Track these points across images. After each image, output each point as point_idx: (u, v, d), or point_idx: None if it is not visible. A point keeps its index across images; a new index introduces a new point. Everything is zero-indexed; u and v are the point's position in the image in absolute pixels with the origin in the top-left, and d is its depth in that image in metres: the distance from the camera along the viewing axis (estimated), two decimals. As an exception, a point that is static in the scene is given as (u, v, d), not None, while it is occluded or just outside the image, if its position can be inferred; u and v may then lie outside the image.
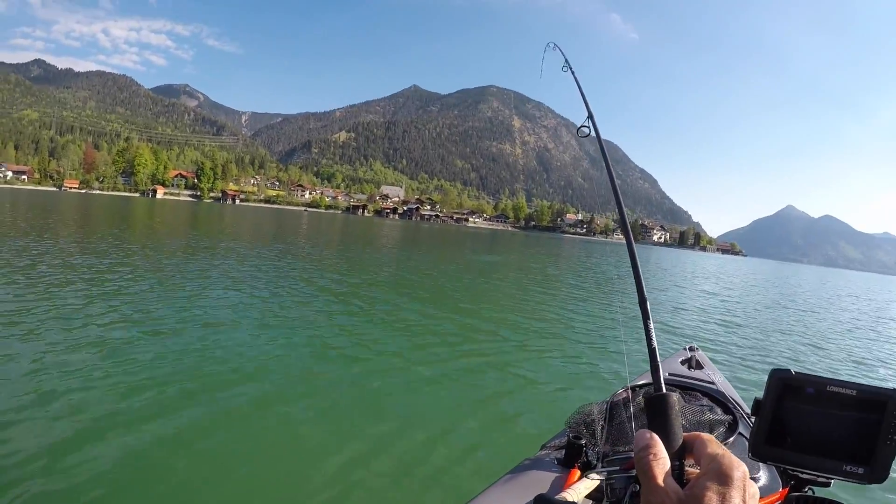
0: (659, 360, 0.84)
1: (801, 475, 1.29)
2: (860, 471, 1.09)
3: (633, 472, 0.84)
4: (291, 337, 8.11)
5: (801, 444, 1.12)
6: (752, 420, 1.15)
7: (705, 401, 2.51)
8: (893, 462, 1.10)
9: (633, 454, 0.78)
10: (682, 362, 3.45)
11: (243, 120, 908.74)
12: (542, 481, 1.76)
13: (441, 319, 10.56)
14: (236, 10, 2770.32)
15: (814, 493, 1.35)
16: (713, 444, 0.76)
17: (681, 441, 0.79)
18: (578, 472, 1.76)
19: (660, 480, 0.71)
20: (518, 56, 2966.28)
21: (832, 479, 1.21)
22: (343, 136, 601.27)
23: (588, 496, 1.57)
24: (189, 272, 13.41)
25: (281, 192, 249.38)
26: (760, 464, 1.92)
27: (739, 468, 0.69)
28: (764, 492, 1.82)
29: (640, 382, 2.72)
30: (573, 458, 1.87)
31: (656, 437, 0.77)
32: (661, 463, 0.74)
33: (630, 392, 2.39)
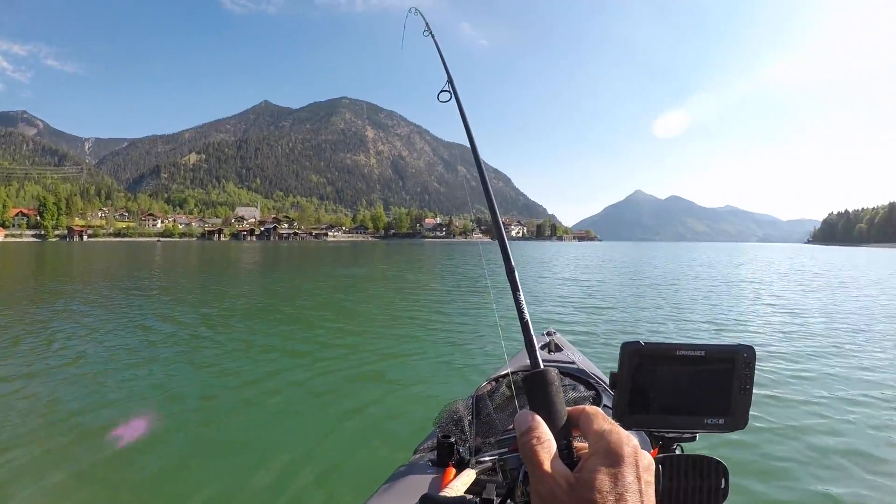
0: (534, 337, 0.80)
1: (666, 435, 1.30)
2: (721, 422, 1.20)
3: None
4: (147, 377, 7.40)
5: (665, 407, 1.21)
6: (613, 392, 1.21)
7: (567, 380, 2.59)
8: (750, 408, 1.21)
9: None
10: (542, 347, 3.48)
11: (87, 147, 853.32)
12: (419, 485, 1.77)
13: (303, 339, 10.21)
14: (77, 28, 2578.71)
15: (682, 450, 1.36)
16: (598, 417, 0.70)
17: (565, 417, 0.73)
18: (454, 470, 1.77)
19: (546, 466, 0.65)
20: (369, 66, 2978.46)
21: (696, 433, 1.28)
22: (193, 158, 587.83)
23: (468, 490, 1.58)
24: (33, 323, 11.55)
25: (131, 224, 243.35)
26: (631, 431, 1.78)
27: (629, 443, 0.65)
28: None
29: (502, 373, 2.76)
30: (446, 457, 1.88)
31: (538, 417, 0.71)
32: (546, 446, 0.67)
33: (493, 383, 2.50)
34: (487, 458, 1.68)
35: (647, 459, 0.65)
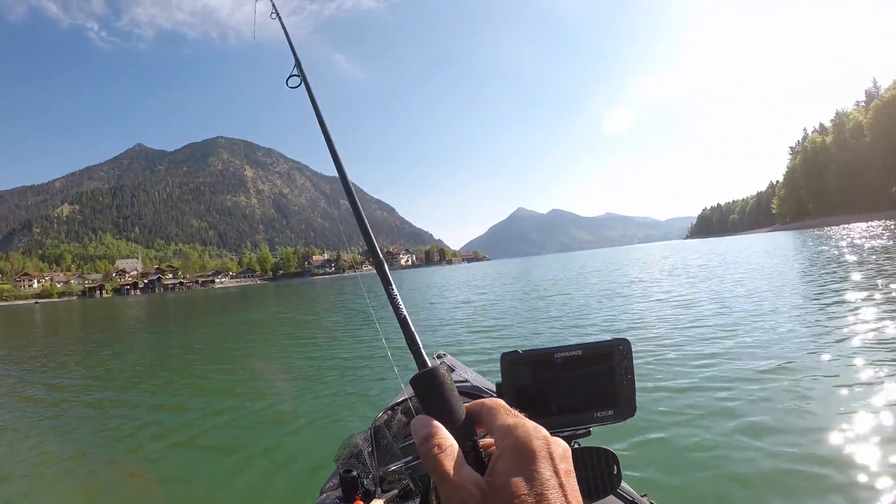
0: (416, 335, 0.78)
1: (561, 434, 1.08)
2: (610, 413, 1.29)
3: None
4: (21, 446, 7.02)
5: (558, 407, 1.28)
6: None
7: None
8: (636, 396, 1.29)
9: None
10: None
11: None
12: None
13: (191, 393, 9.70)
14: None
15: (579, 445, 1.42)
16: (500, 411, 0.65)
17: (464, 415, 0.68)
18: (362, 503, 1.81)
19: (453, 475, 0.59)
20: (244, 104, 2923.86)
21: (589, 427, 1.33)
22: (66, 209, 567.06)
23: None
24: None
25: (5, 286, 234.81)
26: None
27: (538, 435, 0.60)
28: None
29: (399, 400, 2.81)
30: (351, 493, 1.90)
31: (435, 422, 0.65)
32: (449, 452, 0.62)
33: (390, 412, 2.53)
34: (393, 468, 1.69)
35: (562, 447, 0.61)
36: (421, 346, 0.77)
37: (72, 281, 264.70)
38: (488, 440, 0.66)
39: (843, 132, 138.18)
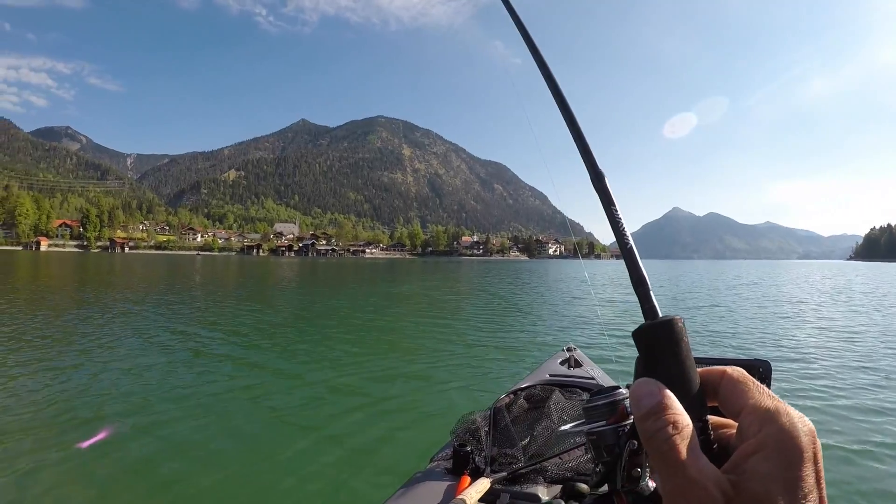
0: (644, 273, 0.62)
1: None
2: None
3: (625, 425, 0.58)
4: (200, 383, 7.42)
5: None
6: None
7: (585, 395, 2.38)
8: None
9: (631, 413, 0.52)
10: (562, 363, 3.54)
11: (129, 162, 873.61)
12: (433, 491, 1.77)
13: (334, 349, 10.15)
14: (118, 46, 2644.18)
15: None
16: (751, 385, 0.49)
17: (697, 384, 0.53)
18: (469, 479, 1.77)
19: (691, 468, 0.44)
20: (406, 84, 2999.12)
21: None
22: (233, 174, 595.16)
23: (482, 499, 1.60)
24: (85, 328, 11.63)
25: (172, 237, 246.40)
26: None
27: (805, 429, 0.44)
28: None
29: (523, 386, 2.75)
30: (461, 466, 1.87)
31: (667, 390, 0.49)
32: (685, 435, 0.46)
33: (512, 396, 2.48)
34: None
35: (818, 443, 0.45)
36: (651, 290, 0.60)
37: (232, 238, 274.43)
38: (721, 420, 0.53)
39: None
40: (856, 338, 12.58)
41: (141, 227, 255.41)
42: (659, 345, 0.53)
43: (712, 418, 0.52)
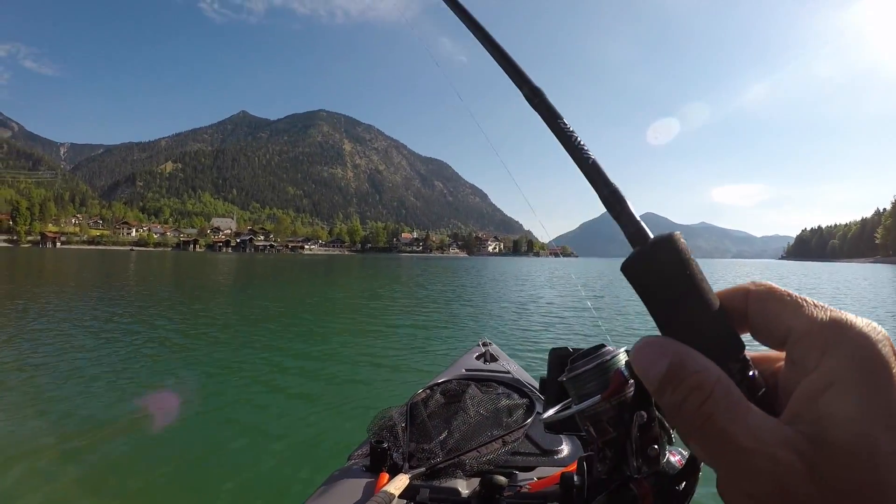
0: (626, 200, 0.48)
1: None
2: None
3: (626, 395, 0.46)
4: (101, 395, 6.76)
5: None
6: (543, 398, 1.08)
7: (501, 389, 2.58)
8: None
9: (631, 379, 0.44)
10: (477, 357, 3.56)
11: (62, 152, 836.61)
12: (352, 489, 1.78)
13: (255, 352, 9.73)
14: (57, 30, 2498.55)
15: None
16: (792, 300, 0.36)
17: (721, 314, 0.38)
18: (387, 476, 1.76)
19: (741, 436, 0.31)
20: (348, 80, 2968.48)
21: None
22: (169, 166, 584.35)
23: (401, 495, 1.59)
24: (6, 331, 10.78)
25: (105, 232, 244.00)
26: (563, 436, 2.06)
27: (878, 335, 0.32)
28: (568, 460, 1.96)
29: (440, 381, 2.75)
30: (379, 463, 1.88)
31: (679, 347, 0.36)
32: (718, 396, 0.33)
33: (429, 391, 2.50)
34: (404, 476, 1.67)
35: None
36: (633, 208, 0.46)
37: (168, 233, 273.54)
38: (761, 353, 0.40)
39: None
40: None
41: (74, 220, 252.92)
42: (658, 276, 0.39)
43: (750, 353, 0.39)
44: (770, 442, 0.30)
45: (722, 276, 51.89)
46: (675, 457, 0.46)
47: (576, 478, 1.15)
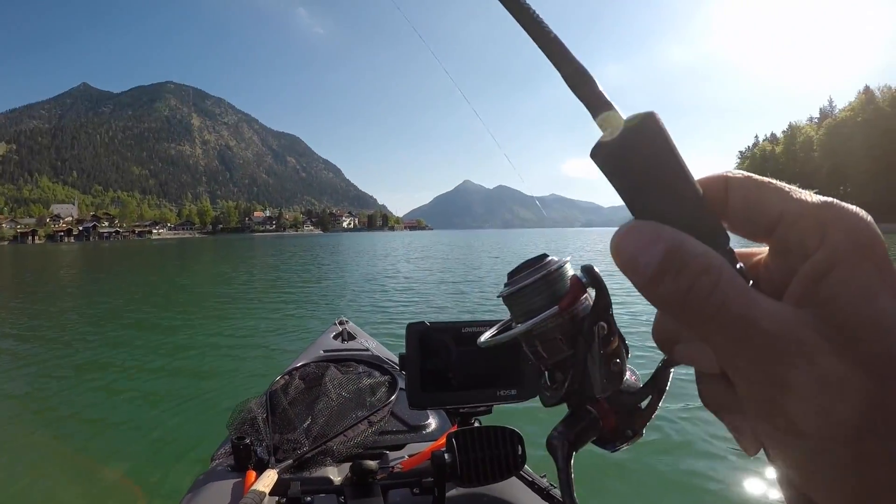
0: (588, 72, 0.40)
1: (460, 410, 1.34)
2: (513, 392, 1.29)
3: (581, 306, 0.41)
4: None
5: (460, 383, 1.27)
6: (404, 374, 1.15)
7: (362, 368, 2.55)
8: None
9: (590, 286, 0.40)
10: (335, 336, 3.49)
11: None
12: (220, 493, 1.70)
13: (95, 354, 8.73)
14: None
15: (480, 423, 1.42)
16: (776, 186, 0.33)
17: (701, 192, 0.34)
18: (254, 473, 1.70)
19: (761, 319, 0.28)
20: (199, 49, 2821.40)
21: (490, 405, 1.34)
22: (3, 148, 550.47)
23: (272, 492, 1.55)
24: None
25: None
26: (429, 410, 2.09)
27: (863, 216, 0.30)
28: (437, 434, 1.97)
29: (298, 365, 2.67)
30: (243, 461, 1.81)
31: (674, 232, 0.31)
32: (728, 279, 0.30)
33: (287, 377, 2.43)
34: (272, 471, 1.63)
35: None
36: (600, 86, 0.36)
37: (3, 225, 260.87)
38: (739, 251, 0.36)
39: (794, 144, 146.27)
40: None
41: None
42: (641, 158, 0.32)
43: (744, 251, 0.37)
44: (792, 322, 0.28)
45: (573, 243, 54.01)
46: (631, 375, 0.43)
47: (446, 455, 1.34)
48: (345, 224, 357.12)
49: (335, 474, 1.71)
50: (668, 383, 0.42)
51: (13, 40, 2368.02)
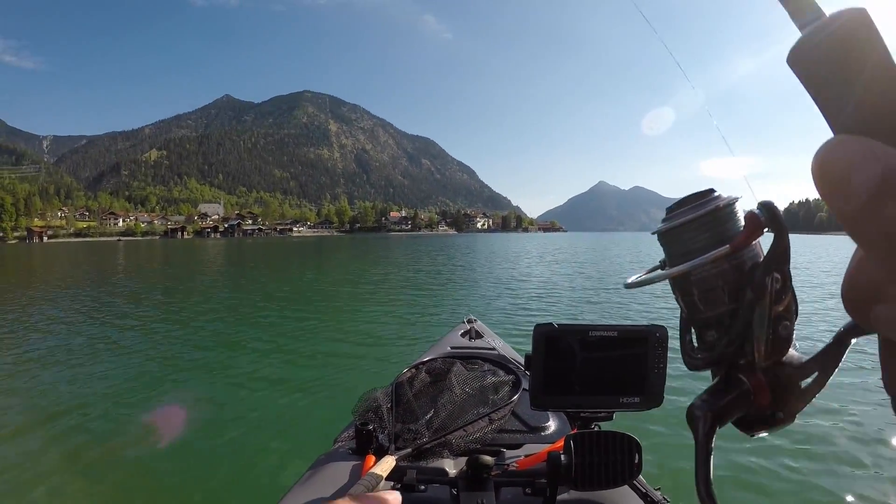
0: None
1: (582, 415, 1.32)
2: (636, 400, 1.24)
3: (741, 259, 0.38)
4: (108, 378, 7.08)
5: (581, 387, 1.23)
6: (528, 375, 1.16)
7: (487, 366, 2.56)
8: (665, 386, 1.24)
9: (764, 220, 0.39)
10: (463, 334, 3.54)
11: (45, 145, 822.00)
12: (339, 473, 1.76)
13: (240, 338, 9.77)
14: (35, 23, 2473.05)
15: (600, 427, 1.38)
16: None
17: None
18: (374, 458, 1.73)
19: None
20: (334, 58, 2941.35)
21: (612, 412, 1.30)
22: (154, 154, 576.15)
23: (388, 477, 1.57)
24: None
25: (92, 223, 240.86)
26: (549, 412, 2.10)
27: None
28: (555, 436, 1.97)
29: (425, 359, 2.70)
30: (365, 446, 1.86)
31: (879, 144, 0.23)
32: None
33: (413, 371, 2.44)
34: (390, 457, 1.62)
35: None
36: None
37: (155, 221, 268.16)
38: None
39: None
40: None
41: (60, 214, 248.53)
42: (844, 62, 0.26)
43: None
44: None
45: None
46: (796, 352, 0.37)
47: (563, 457, 1.32)
48: (479, 225, 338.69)
49: (451, 467, 1.75)
50: (843, 359, 0.34)
51: (161, 59, 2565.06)
